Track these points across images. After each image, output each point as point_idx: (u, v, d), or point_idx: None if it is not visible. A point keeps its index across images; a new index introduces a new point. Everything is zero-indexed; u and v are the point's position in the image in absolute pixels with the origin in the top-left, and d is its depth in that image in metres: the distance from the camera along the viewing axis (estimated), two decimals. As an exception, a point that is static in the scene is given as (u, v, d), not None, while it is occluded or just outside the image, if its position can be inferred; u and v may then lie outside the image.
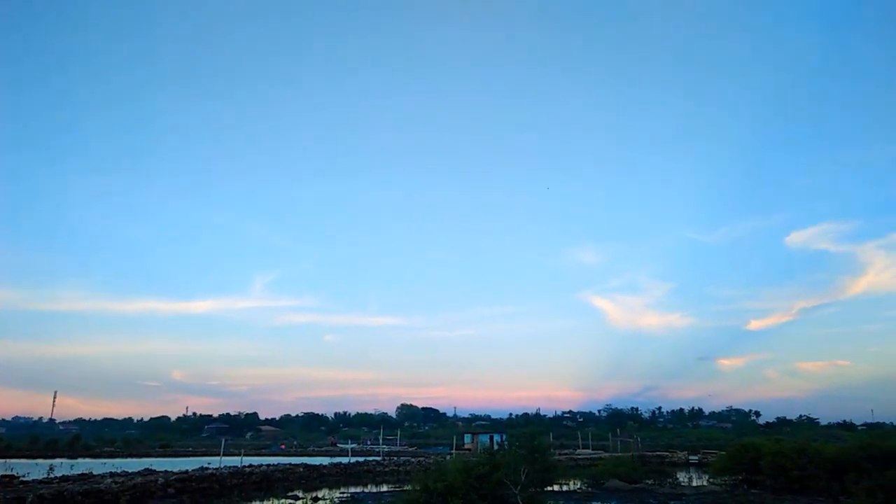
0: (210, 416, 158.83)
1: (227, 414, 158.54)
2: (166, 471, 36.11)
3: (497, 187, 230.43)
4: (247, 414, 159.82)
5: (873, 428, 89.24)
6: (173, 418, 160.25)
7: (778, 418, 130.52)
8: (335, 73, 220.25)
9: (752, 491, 33.56)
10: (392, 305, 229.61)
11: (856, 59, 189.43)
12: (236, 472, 38.59)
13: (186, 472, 35.78)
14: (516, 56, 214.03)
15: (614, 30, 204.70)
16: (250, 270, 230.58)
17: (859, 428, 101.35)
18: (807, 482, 31.96)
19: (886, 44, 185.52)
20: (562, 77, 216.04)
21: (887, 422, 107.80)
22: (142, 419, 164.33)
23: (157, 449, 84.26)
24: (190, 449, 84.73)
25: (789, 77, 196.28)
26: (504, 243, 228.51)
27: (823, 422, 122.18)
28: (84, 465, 45.19)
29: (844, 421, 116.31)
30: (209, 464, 42.35)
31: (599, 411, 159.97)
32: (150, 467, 38.50)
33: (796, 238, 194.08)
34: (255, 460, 50.34)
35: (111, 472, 34.82)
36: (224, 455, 45.78)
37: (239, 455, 47.76)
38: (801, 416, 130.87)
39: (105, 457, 65.75)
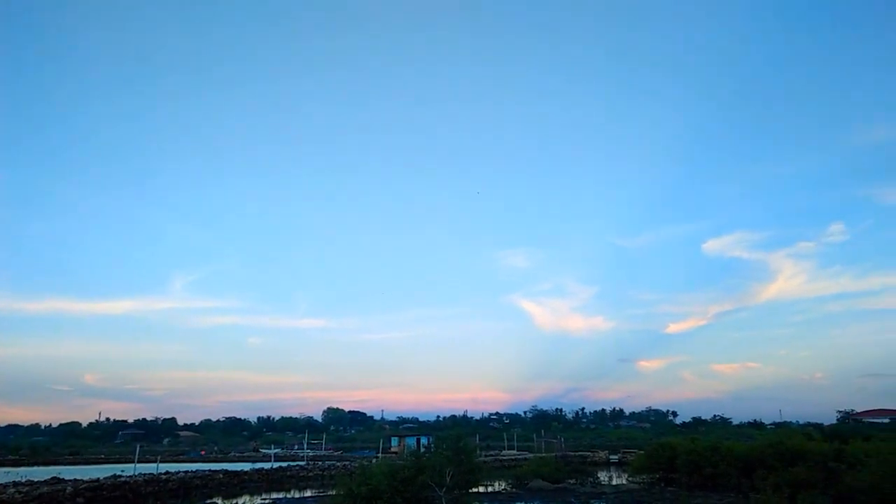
0: (125, 421, 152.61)
1: (144, 419, 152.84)
2: (76, 479, 34.66)
3: (427, 190, 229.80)
4: (164, 419, 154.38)
5: (781, 427, 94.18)
6: (85, 424, 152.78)
7: (693, 418, 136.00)
8: (261, 65, 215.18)
9: (669, 489, 34.79)
10: (320, 307, 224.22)
11: (769, 78, 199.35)
12: (152, 479, 37.38)
13: (97, 480, 34.41)
14: (446, 57, 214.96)
15: (541, 33, 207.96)
16: (170, 269, 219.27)
17: (768, 427, 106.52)
18: (719, 479, 33.42)
19: (796, 64, 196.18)
20: (489, 80, 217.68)
21: (794, 421, 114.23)
22: (50, 425, 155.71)
23: (67, 456, 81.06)
24: (102, 456, 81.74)
25: (709, 91, 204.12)
26: (435, 246, 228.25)
27: (736, 421, 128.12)
28: (-15, 474, 42.62)
29: (755, 420, 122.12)
30: (123, 471, 40.83)
31: (525, 413, 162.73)
32: (58, 476, 37.11)
33: (712, 245, 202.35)
34: (173, 467, 48.59)
35: (15, 482, 33.08)
36: (139, 462, 44.04)
37: (155, 462, 46.03)
38: (715, 416, 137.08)
39: (9, 465, 62.67)
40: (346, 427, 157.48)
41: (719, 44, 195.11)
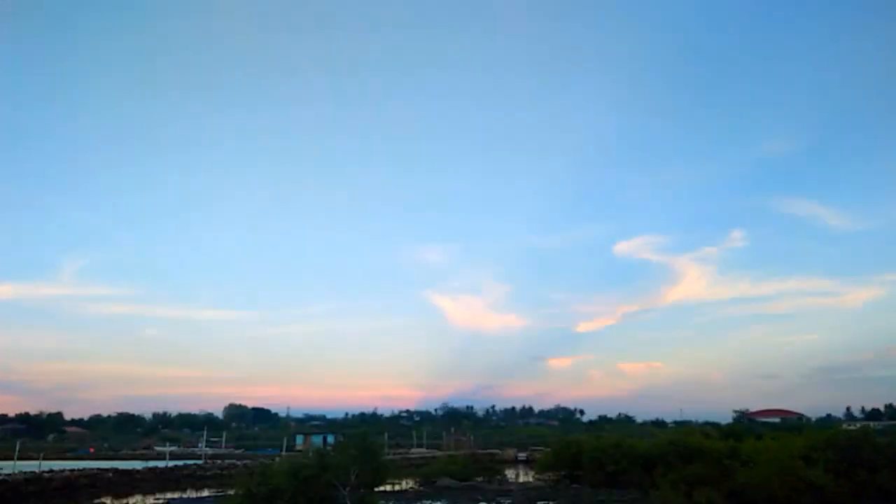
0: (5, 415, 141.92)
1: (26, 413, 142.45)
2: (-55, 478, 32.02)
3: (340, 181, 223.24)
4: (50, 413, 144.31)
5: (681, 425, 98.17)
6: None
7: (600, 416, 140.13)
8: (160, 42, 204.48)
9: (574, 486, 35.32)
10: (224, 298, 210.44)
11: (678, 86, 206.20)
12: (34, 477, 35.48)
13: (-30, 478, 32.00)
14: (363, 55, 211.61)
15: (457, 30, 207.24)
16: (58, 252, 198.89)
17: (670, 425, 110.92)
18: (622, 476, 34.22)
19: (703, 73, 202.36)
20: (408, 77, 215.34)
21: (694, 419, 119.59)
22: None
23: (-63, 453, 74.27)
24: (-23, 453, 75.54)
25: (620, 97, 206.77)
26: (347, 238, 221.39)
27: (640, 419, 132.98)
28: None
29: (657, 419, 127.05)
30: (1, 469, 37.98)
31: (436, 410, 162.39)
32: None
33: (622, 247, 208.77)
34: (58, 465, 45.46)
35: None
36: (20, 459, 41.19)
37: (38, 459, 43.06)
38: (620, 414, 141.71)
39: None
40: (248, 424, 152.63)
41: (631, 49, 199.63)
